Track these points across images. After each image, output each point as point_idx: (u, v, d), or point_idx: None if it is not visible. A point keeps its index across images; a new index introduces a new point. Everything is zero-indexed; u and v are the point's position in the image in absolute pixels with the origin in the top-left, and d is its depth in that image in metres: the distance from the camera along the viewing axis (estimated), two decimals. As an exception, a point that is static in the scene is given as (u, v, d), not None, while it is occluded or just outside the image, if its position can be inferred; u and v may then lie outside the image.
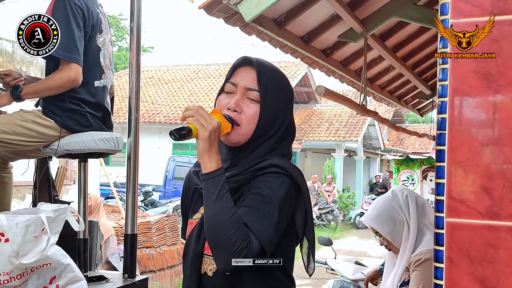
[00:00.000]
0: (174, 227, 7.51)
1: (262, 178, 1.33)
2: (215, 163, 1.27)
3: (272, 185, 1.31)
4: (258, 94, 1.39)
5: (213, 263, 1.36)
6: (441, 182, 0.84)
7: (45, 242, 1.89)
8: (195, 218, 1.46)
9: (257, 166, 1.36)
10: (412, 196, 2.37)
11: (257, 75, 1.40)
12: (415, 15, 3.71)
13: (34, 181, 2.75)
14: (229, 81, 1.42)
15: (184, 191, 1.61)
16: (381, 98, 6.34)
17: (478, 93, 0.83)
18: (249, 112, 1.38)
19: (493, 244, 0.81)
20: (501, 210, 0.81)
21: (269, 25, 3.31)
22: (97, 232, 2.91)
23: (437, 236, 0.84)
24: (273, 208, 1.28)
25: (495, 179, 0.82)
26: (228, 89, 1.42)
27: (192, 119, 1.27)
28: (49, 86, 2.33)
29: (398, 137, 29.63)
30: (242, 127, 1.38)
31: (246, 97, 1.40)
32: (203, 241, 1.38)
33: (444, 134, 0.84)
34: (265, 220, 1.26)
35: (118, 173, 16.18)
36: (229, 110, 1.38)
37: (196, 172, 1.48)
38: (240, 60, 1.45)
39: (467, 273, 0.82)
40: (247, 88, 1.40)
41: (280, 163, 1.35)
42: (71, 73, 2.30)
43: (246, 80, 1.40)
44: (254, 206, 1.27)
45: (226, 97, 1.42)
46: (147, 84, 21.81)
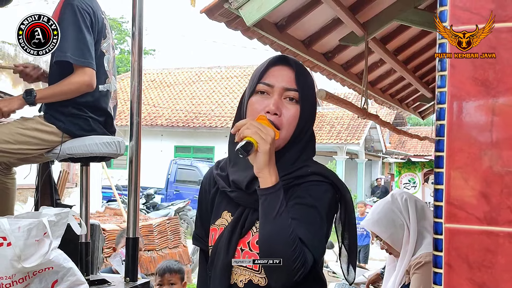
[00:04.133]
0: (175, 230, 7.52)
1: (304, 187, 1.29)
2: (274, 177, 1.20)
3: (316, 194, 1.28)
4: (297, 94, 1.33)
5: (244, 274, 1.33)
6: (440, 188, 0.85)
7: (47, 246, 1.90)
8: (219, 224, 1.41)
9: (296, 174, 1.31)
10: (411, 200, 2.37)
11: (296, 74, 1.33)
12: (416, 19, 3.72)
13: (36, 184, 2.76)
14: (263, 82, 1.33)
15: (203, 194, 1.53)
16: (382, 101, 6.35)
17: (477, 100, 0.83)
18: (289, 114, 1.32)
19: (492, 250, 0.82)
20: (499, 216, 0.81)
21: (270, 29, 3.32)
22: (99, 236, 2.92)
23: (436, 242, 0.85)
24: (320, 219, 1.27)
25: (494, 185, 0.82)
26: (263, 89, 1.33)
27: (249, 131, 1.17)
28: (64, 91, 2.33)
29: (399, 140, 29.62)
30: (282, 131, 1.31)
31: (283, 98, 1.32)
32: (233, 251, 1.33)
33: (443, 141, 0.85)
34: (315, 232, 1.25)
35: (120, 176, 16.20)
36: (268, 113, 1.30)
37: (221, 175, 1.43)
38: (274, 59, 1.36)
39: (466, 279, 0.82)
40: (285, 89, 1.32)
41: (321, 170, 1.34)
42: (86, 77, 2.31)
43: (283, 80, 1.32)
44: (303, 218, 1.24)
45: (261, 99, 1.33)
46: (149, 87, 21.85)
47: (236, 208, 1.38)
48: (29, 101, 2.32)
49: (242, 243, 1.34)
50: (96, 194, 10.13)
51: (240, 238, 1.34)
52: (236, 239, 1.34)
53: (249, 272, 1.33)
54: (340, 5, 3.32)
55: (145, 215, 9.30)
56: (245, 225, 1.34)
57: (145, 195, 12.70)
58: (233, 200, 1.39)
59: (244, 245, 1.34)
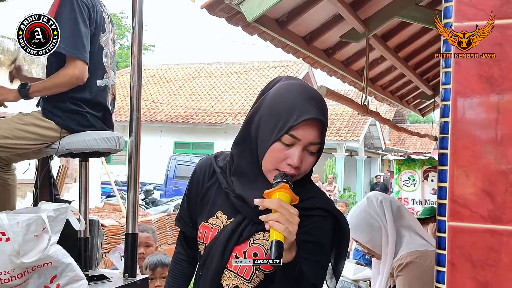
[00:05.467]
0: (175, 226, 7.51)
1: (311, 224, 1.36)
2: (294, 252, 1.22)
3: (322, 231, 1.38)
4: (319, 147, 1.35)
5: (231, 279, 1.38)
6: (443, 185, 0.84)
7: (46, 241, 1.89)
8: (212, 224, 1.44)
9: (304, 205, 1.31)
10: (386, 201, 2.35)
11: (322, 130, 1.33)
12: (417, 16, 3.71)
13: (36, 180, 2.75)
14: (292, 135, 1.29)
15: (194, 182, 1.54)
16: (382, 98, 6.34)
17: (481, 97, 0.82)
18: (307, 166, 1.35)
19: (495, 248, 0.81)
20: (503, 214, 0.81)
21: (271, 25, 3.31)
22: (98, 231, 2.91)
23: (439, 240, 0.84)
24: (325, 255, 1.39)
25: (498, 183, 0.81)
26: (288, 142, 1.30)
27: (279, 228, 1.16)
28: (56, 84, 2.32)
29: (399, 137, 29.62)
30: (297, 177, 1.35)
31: (305, 149, 1.32)
32: (228, 256, 1.38)
33: (447, 138, 0.84)
34: (321, 268, 1.37)
35: (119, 171, 16.21)
36: (290, 165, 1.30)
37: (224, 175, 1.45)
38: (310, 111, 1.29)
39: (469, 277, 0.81)
40: (310, 143, 1.32)
41: (326, 205, 1.41)
42: (75, 70, 2.29)
43: (311, 135, 1.31)
44: (310, 257, 1.33)
45: (283, 148, 1.31)
46: (149, 82, 21.84)
47: (232, 211, 1.41)
48: (23, 94, 2.31)
49: (237, 251, 1.38)
50: (95, 190, 10.13)
51: (236, 244, 1.38)
52: (232, 245, 1.38)
53: (238, 278, 1.38)
54: (341, 1, 3.31)
55: (144, 211, 9.30)
56: (242, 234, 1.38)
57: (144, 191, 12.72)
58: (231, 203, 1.41)
59: (239, 253, 1.38)
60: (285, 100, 1.32)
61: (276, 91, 1.37)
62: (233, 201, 1.40)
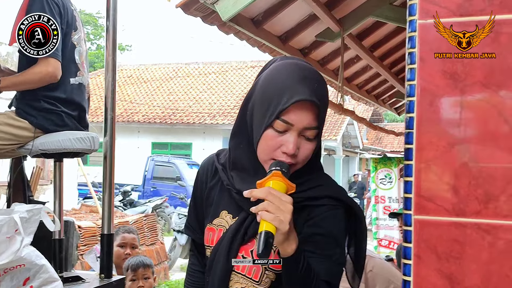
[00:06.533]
0: (153, 227, 7.48)
1: (321, 214, 1.25)
2: (294, 244, 1.13)
3: (334, 222, 1.25)
4: (317, 132, 1.22)
5: (240, 282, 1.28)
6: (409, 180, 0.86)
7: (18, 243, 1.87)
8: (217, 225, 1.34)
9: (310, 194, 1.25)
10: None
11: (319, 113, 1.21)
12: (391, 15, 3.76)
13: (9, 181, 2.72)
14: (283, 120, 1.18)
15: (198, 184, 1.45)
16: (359, 98, 6.40)
17: (445, 93, 0.84)
18: (306, 153, 1.23)
19: (460, 241, 0.83)
20: (467, 207, 0.83)
21: (246, 24, 3.32)
22: (73, 232, 2.88)
23: (406, 234, 0.86)
24: (339, 247, 1.26)
25: (462, 177, 0.83)
26: (281, 128, 1.19)
27: (268, 217, 1.08)
28: (27, 80, 2.30)
29: (376, 136, 29.90)
30: (298, 165, 1.23)
31: (301, 135, 1.21)
32: (234, 257, 1.27)
33: (412, 133, 0.86)
34: (335, 264, 1.25)
35: (97, 173, 16.03)
36: (285, 153, 1.20)
37: (225, 172, 1.35)
38: (300, 91, 1.17)
39: (434, 269, 0.83)
40: (305, 128, 1.20)
41: (336, 193, 1.29)
42: (49, 68, 2.27)
43: (305, 119, 1.19)
44: (323, 252, 1.23)
45: (276, 135, 1.20)
46: (126, 83, 21.68)
47: (237, 209, 1.32)
48: None
49: (244, 250, 1.29)
50: (72, 191, 10.02)
51: (242, 244, 1.29)
52: (238, 245, 1.28)
53: (246, 281, 1.28)
54: (316, 1, 3.34)
55: (122, 212, 9.22)
56: (247, 232, 1.28)
57: (122, 192, 12.60)
58: (234, 200, 1.32)
59: (246, 253, 1.28)
60: (276, 82, 1.21)
61: (268, 73, 1.26)
62: (235, 198, 1.30)
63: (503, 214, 0.81)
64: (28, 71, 2.30)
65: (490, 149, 0.83)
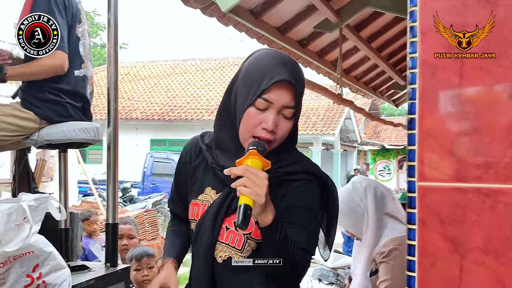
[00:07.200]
0: (153, 222, 7.53)
1: (297, 188, 1.38)
2: (271, 215, 1.26)
3: (311, 196, 1.39)
4: (294, 111, 1.37)
5: (224, 251, 1.40)
6: (412, 148, 0.89)
7: (27, 230, 1.90)
8: (202, 200, 1.46)
9: (287, 169, 1.38)
10: (370, 187, 2.35)
11: (296, 93, 1.35)
12: (389, 5, 3.79)
13: (14, 173, 2.75)
14: (264, 98, 1.32)
15: (182, 164, 1.58)
16: (357, 89, 6.43)
17: (445, 63, 0.88)
18: (284, 130, 1.37)
19: (461, 205, 0.87)
20: (467, 173, 0.86)
21: (245, 16, 3.34)
22: (78, 224, 2.91)
23: (410, 200, 0.90)
24: (315, 220, 1.41)
25: (462, 143, 0.87)
26: (262, 106, 1.33)
27: (246, 191, 1.20)
28: (34, 71, 2.32)
29: (374, 130, 29.96)
30: (274, 143, 1.37)
31: (280, 113, 1.35)
32: (218, 229, 1.40)
33: (415, 104, 0.89)
34: (312, 236, 1.40)
35: (96, 170, 16.06)
36: (265, 130, 1.33)
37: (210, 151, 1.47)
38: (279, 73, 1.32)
39: (438, 233, 0.87)
40: (284, 106, 1.34)
41: (311, 169, 1.42)
42: (56, 60, 2.30)
43: (284, 99, 1.33)
44: (301, 223, 1.35)
45: (258, 112, 1.34)
46: (123, 80, 21.66)
47: (221, 185, 1.43)
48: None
49: (227, 222, 1.40)
50: (72, 188, 10.04)
51: (225, 217, 1.41)
52: (222, 217, 1.40)
53: (230, 249, 1.39)
54: (314, -9, 3.37)
55: (122, 208, 9.26)
56: (231, 206, 1.40)
57: (122, 189, 12.63)
58: (219, 177, 1.43)
59: (229, 224, 1.40)
60: (258, 67, 1.36)
61: (251, 61, 1.41)
62: (219, 175, 1.41)
63: (503, 178, 0.85)
64: (35, 62, 2.32)
65: (490, 116, 0.86)
